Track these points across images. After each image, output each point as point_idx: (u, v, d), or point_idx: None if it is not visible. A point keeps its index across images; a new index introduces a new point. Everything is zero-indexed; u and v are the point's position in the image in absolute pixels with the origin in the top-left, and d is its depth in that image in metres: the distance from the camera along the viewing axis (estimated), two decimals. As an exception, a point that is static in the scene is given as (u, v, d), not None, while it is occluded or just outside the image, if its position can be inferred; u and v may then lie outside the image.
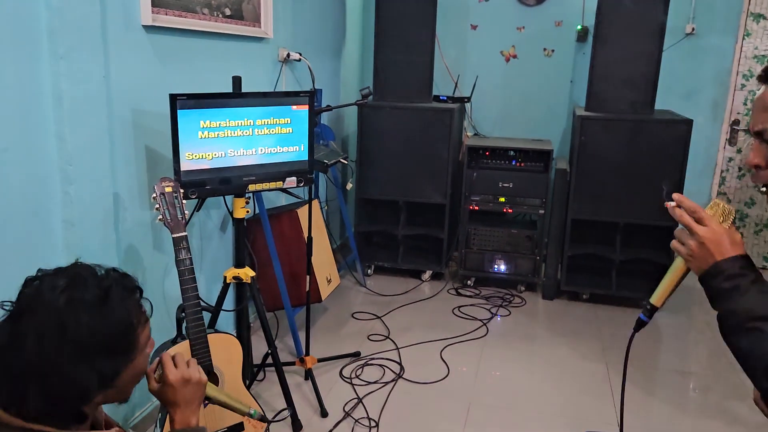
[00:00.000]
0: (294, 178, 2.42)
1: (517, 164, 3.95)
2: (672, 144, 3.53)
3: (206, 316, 2.41)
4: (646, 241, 3.83)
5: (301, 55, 3.45)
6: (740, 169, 4.39)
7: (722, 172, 4.44)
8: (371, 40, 4.11)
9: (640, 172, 3.62)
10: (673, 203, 1.13)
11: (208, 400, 1.43)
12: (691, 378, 3.12)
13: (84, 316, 1.04)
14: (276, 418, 2.51)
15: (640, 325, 1.25)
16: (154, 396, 1.34)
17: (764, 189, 1.11)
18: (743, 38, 4.25)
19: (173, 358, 1.34)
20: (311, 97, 2.40)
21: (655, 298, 1.20)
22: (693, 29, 4.24)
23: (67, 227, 1.95)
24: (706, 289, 1.09)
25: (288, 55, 3.36)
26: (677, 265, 1.17)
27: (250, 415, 1.49)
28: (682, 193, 3.72)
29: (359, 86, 4.70)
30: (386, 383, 2.90)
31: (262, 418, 1.54)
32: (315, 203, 3.35)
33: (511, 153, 3.96)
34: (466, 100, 4.36)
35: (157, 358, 1.35)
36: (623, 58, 3.64)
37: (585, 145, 3.67)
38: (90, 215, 2.01)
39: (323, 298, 3.23)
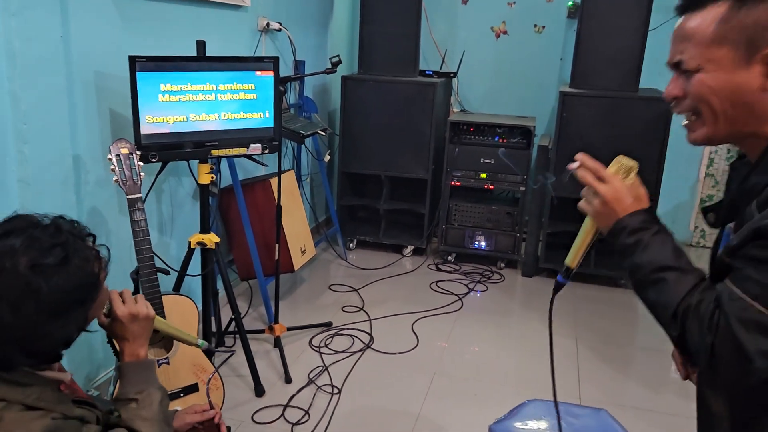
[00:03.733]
0: (258, 145, 2.42)
1: (500, 140, 3.93)
2: (653, 122, 3.50)
3: (171, 280, 2.45)
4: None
5: (281, 24, 3.44)
6: (729, 151, 4.34)
7: (710, 153, 4.39)
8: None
9: (622, 149, 3.55)
10: (575, 164, 1.14)
11: (157, 333, 1.46)
12: (667, 357, 3.12)
13: (52, 278, 1.07)
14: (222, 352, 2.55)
15: (558, 287, 1.24)
16: (104, 330, 1.36)
17: (686, 122, 1.09)
18: (736, 17, 4.17)
19: (121, 294, 1.37)
20: (276, 63, 2.38)
21: (569, 260, 1.20)
22: (685, 7, 4.17)
23: (22, 186, 1.96)
24: (614, 246, 1.09)
25: (268, 24, 3.35)
26: (587, 225, 1.17)
27: (198, 346, 1.53)
28: (662, 174, 3.65)
29: (349, 60, 4.67)
30: (354, 353, 2.93)
31: (209, 349, 1.58)
32: (290, 173, 3.36)
33: (495, 129, 3.94)
34: (452, 75, 4.33)
35: (103, 297, 1.37)
36: (609, 34, 3.60)
37: (566, 121, 3.64)
38: (47, 175, 2.02)
39: (296, 268, 3.25)
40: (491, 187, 3.96)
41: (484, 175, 3.94)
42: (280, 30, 3.44)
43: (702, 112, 1.03)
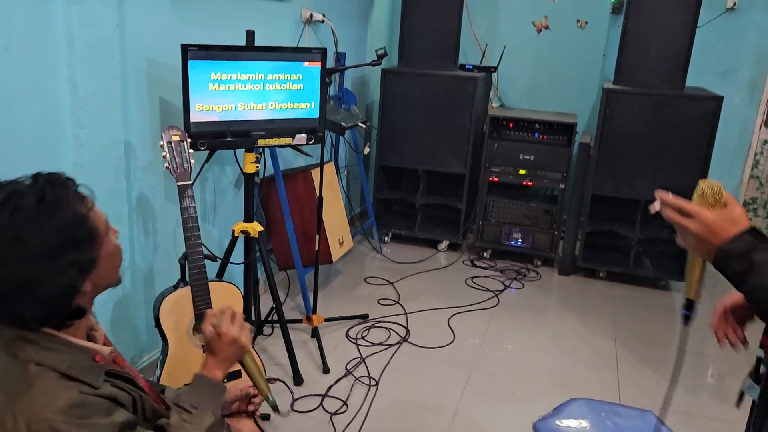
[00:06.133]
0: (304, 135, 2.43)
1: (540, 137, 3.89)
2: (700, 121, 3.42)
3: (214, 267, 2.48)
4: (667, 221, 3.75)
5: (324, 16, 3.44)
6: (775, 152, 4.24)
7: (756, 155, 4.29)
8: (400, 6, 4.07)
9: (666, 149, 3.53)
10: (657, 204, 1.08)
11: (242, 365, 1.44)
12: (706, 360, 3.06)
13: (32, 222, 1.06)
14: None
15: (685, 319, 1.19)
16: (203, 336, 1.37)
17: None
18: (788, 15, 4.06)
19: (233, 314, 1.38)
20: (323, 54, 2.39)
21: (688, 293, 1.16)
22: (735, 4, 4.07)
23: (77, 170, 2.00)
24: (723, 274, 1.03)
25: (311, 15, 3.36)
26: (691, 257, 1.13)
27: (267, 399, 1.49)
28: (707, 175, 3.58)
29: (388, 53, 4.65)
30: (390, 345, 2.93)
31: (275, 407, 1.54)
32: (330, 165, 3.37)
33: (534, 125, 3.90)
34: (492, 70, 4.29)
35: (221, 308, 1.39)
36: (656, 30, 3.53)
37: (609, 119, 3.58)
38: (100, 160, 2.06)
39: (334, 260, 3.26)
40: (530, 183, 3.92)
41: (522, 172, 3.90)
42: (323, 21, 3.45)
43: None
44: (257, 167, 2.44)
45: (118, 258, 1.23)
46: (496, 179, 3.96)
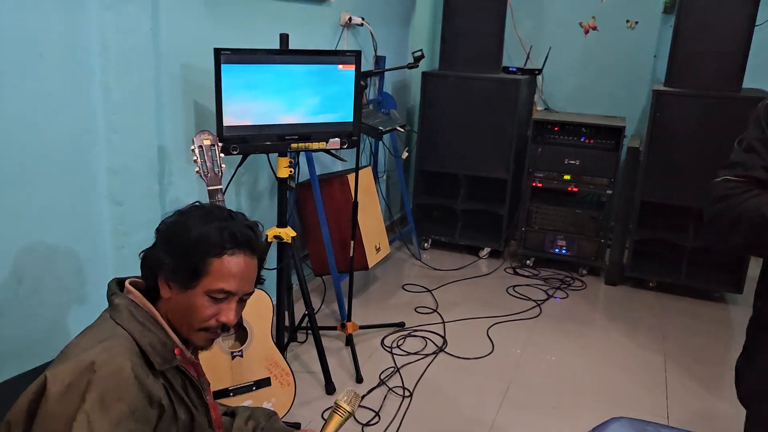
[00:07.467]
0: (337, 140, 2.39)
1: (586, 141, 3.75)
2: (758, 124, 3.22)
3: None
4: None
5: (363, 19, 3.40)
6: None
7: (821, 159, 4.03)
8: (442, 9, 4.00)
9: (720, 153, 3.30)
10: None
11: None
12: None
13: (193, 218, 1.29)
14: None
15: None
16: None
17: None
18: None
19: None
20: (358, 57, 2.35)
21: None
22: (798, 0, 3.84)
23: (110, 174, 2.01)
24: None
25: (350, 19, 3.32)
26: None
27: None
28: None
29: (430, 56, 4.59)
30: (426, 355, 2.86)
31: None
32: (367, 170, 3.33)
33: (581, 129, 3.76)
34: (536, 72, 4.18)
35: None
36: (710, 30, 3.35)
37: (660, 122, 3.42)
38: (133, 165, 2.07)
39: (370, 266, 3.21)
40: (575, 189, 3.78)
41: (567, 177, 3.77)
42: (362, 25, 3.42)
43: None
44: (290, 172, 2.41)
45: (198, 315, 1.25)
46: (539, 185, 3.84)
